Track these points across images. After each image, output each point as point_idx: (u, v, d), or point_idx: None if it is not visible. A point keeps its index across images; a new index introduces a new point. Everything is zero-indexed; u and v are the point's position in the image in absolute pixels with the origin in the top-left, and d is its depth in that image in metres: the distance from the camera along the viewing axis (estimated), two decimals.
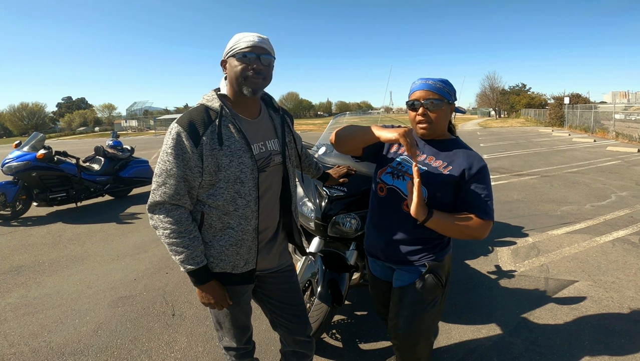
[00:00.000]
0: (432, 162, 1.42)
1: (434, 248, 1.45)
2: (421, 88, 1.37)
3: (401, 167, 1.46)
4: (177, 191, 1.18)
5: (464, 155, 1.40)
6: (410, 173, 1.40)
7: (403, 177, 1.43)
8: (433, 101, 1.35)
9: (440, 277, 1.44)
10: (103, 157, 6.24)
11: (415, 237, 1.44)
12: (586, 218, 4.59)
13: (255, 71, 1.21)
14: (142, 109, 61.05)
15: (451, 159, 1.40)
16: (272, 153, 1.34)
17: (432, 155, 1.43)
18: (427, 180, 1.38)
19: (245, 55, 1.20)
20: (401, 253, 1.46)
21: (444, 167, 1.39)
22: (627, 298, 2.67)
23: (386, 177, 1.48)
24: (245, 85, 1.23)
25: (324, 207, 2.11)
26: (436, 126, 1.39)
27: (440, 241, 1.47)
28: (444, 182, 1.37)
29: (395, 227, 1.46)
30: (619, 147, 11.50)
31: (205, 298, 1.30)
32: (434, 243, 1.46)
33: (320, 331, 2.01)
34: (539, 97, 48.67)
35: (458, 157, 1.39)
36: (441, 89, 1.36)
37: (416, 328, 1.50)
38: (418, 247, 1.44)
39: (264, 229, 1.36)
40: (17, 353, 2.24)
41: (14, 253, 3.95)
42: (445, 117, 1.40)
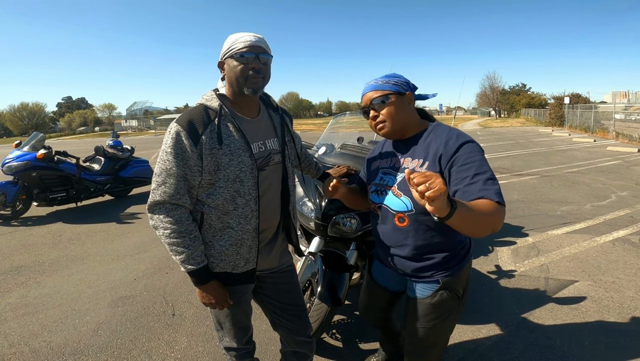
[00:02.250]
0: (409, 165, 1.29)
1: (447, 261, 1.31)
2: (365, 92, 1.33)
3: (383, 182, 1.37)
4: (177, 191, 1.18)
5: (439, 139, 1.23)
6: (390, 186, 1.32)
7: (385, 191, 1.34)
8: (378, 99, 1.29)
9: (456, 291, 1.34)
10: (103, 157, 6.25)
11: (422, 253, 1.32)
12: (586, 218, 4.59)
13: (255, 70, 1.22)
14: (142, 109, 61.01)
15: (426, 154, 1.24)
16: (271, 152, 1.34)
17: (409, 156, 1.31)
18: (405, 187, 1.25)
19: (244, 56, 1.20)
20: (410, 268, 1.37)
21: (421, 165, 1.24)
22: (627, 298, 2.67)
23: (373, 196, 1.40)
24: (245, 85, 1.23)
25: (324, 207, 2.11)
26: (393, 123, 1.29)
27: (454, 254, 1.32)
28: None
29: (397, 244, 1.36)
30: (619, 147, 11.50)
31: (206, 298, 1.29)
32: (447, 256, 1.31)
33: (320, 331, 2.01)
34: (539, 97, 48.65)
35: (434, 148, 1.22)
36: (384, 85, 1.29)
37: (432, 339, 1.45)
38: (428, 263, 1.32)
39: (265, 229, 1.35)
40: (17, 353, 2.24)
41: (14, 253, 3.95)
42: (401, 111, 1.29)
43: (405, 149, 1.33)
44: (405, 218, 1.28)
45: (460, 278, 1.35)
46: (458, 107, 6.31)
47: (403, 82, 1.33)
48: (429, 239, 1.29)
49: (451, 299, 1.34)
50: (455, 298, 1.35)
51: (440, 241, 1.30)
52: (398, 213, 1.30)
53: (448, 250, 1.31)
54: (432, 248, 1.30)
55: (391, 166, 1.36)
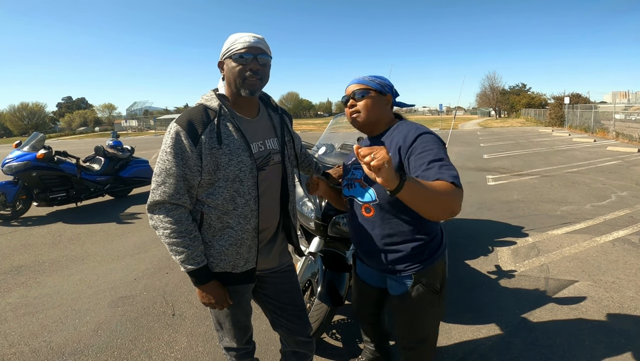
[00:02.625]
0: None
1: (418, 254, 1.34)
2: (350, 84, 1.44)
3: (353, 176, 1.44)
4: (177, 190, 1.18)
5: (400, 133, 1.30)
6: (358, 178, 1.39)
7: (354, 184, 1.41)
8: (359, 92, 1.39)
9: (431, 285, 1.37)
10: (103, 157, 6.25)
11: (390, 243, 1.35)
12: (586, 218, 4.59)
13: (252, 71, 1.22)
14: (142, 109, 61.06)
15: (390, 145, 1.31)
16: (271, 152, 1.34)
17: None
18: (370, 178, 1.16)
19: (242, 57, 1.20)
20: (382, 262, 1.40)
21: None
22: (627, 298, 2.67)
23: (345, 190, 1.48)
24: (243, 86, 1.23)
25: (324, 207, 2.11)
26: (367, 115, 1.37)
27: (424, 246, 1.34)
28: None
29: (367, 237, 1.40)
30: (619, 147, 11.50)
31: (206, 298, 1.29)
32: (416, 249, 1.33)
33: (320, 331, 2.01)
34: (539, 97, 48.66)
35: (395, 139, 1.31)
36: (369, 82, 1.40)
37: (419, 334, 1.49)
38: (398, 255, 1.35)
39: (264, 229, 1.35)
40: (17, 353, 2.24)
41: (14, 253, 3.95)
42: (376, 107, 1.38)
43: (374, 144, 1.42)
44: (371, 208, 1.35)
45: (434, 271, 1.38)
46: (458, 107, 6.33)
47: (386, 85, 1.42)
48: (395, 227, 1.33)
49: (428, 293, 1.37)
50: (433, 293, 1.38)
51: (407, 230, 1.32)
52: (364, 203, 1.37)
53: (417, 240, 1.34)
54: (399, 238, 1.34)
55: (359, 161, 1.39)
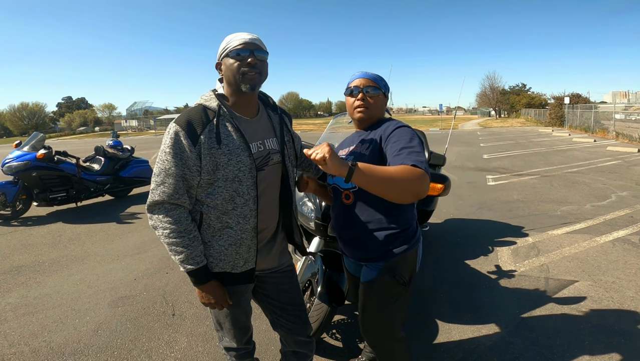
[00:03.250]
0: (358, 149, 1.45)
1: (391, 242, 1.39)
2: (361, 77, 1.48)
3: None
4: (176, 190, 1.18)
5: (384, 127, 1.41)
6: None
7: None
8: (372, 88, 1.46)
9: (400, 275, 1.40)
10: (103, 157, 6.25)
11: (367, 230, 1.40)
12: (586, 218, 4.59)
13: (251, 65, 1.22)
14: (142, 109, 61.06)
15: (373, 137, 1.42)
16: (270, 152, 1.34)
17: (361, 142, 1.46)
18: None
19: (239, 53, 1.22)
20: (358, 250, 1.47)
21: (367, 148, 1.41)
22: (627, 298, 2.67)
23: (329, 178, 1.53)
24: (243, 81, 1.24)
25: (324, 207, 2.11)
26: (373, 112, 1.47)
27: (397, 234, 1.39)
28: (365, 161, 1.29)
29: (346, 224, 1.46)
30: (619, 147, 11.50)
31: (205, 298, 1.30)
32: (390, 236, 1.38)
33: (320, 331, 2.01)
34: (539, 97, 48.65)
35: (378, 131, 1.41)
36: (378, 80, 1.48)
37: (379, 322, 1.50)
38: (373, 242, 1.41)
39: (263, 229, 1.36)
40: (17, 353, 2.24)
41: (14, 253, 3.95)
42: (381, 106, 1.49)
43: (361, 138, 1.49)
44: (350, 194, 1.42)
45: (405, 262, 1.41)
46: (458, 107, 6.33)
47: (388, 90, 1.54)
48: (371, 215, 1.39)
49: (395, 283, 1.40)
50: (400, 283, 1.41)
51: (382, 218, 1.39)
52: (345, 190, 1.43)
53: (390, 229, 1.39)
54: (374, 225, 1.40)
55: (346, 153, 1.52)
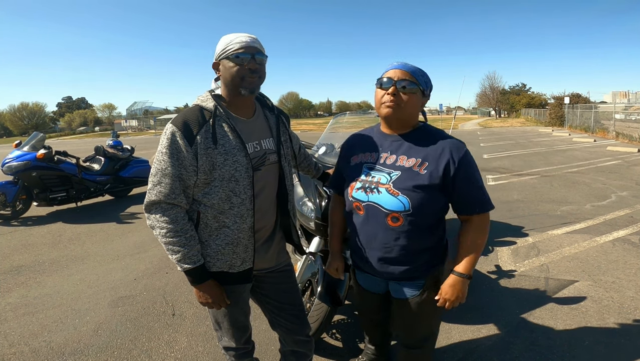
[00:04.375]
0: (404, 163, 1.26)
1: (432, 258, 1.35)
2: (397, 68, 1.25)
3: (372, 178, 1.30)
4: (173, 190, 1.19)
5: (441, 144, 1.25)
6: (384, 183, 1.26)
7: (377, 189, 1.27)
8: (409, 83, 1.23)
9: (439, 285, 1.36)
10: (103, 157, 6.25)
11: (410, 252, 1.30)
12: (586, 217, 4.59)
13: (251, 70, 1.23)
14: (142, 109, 61.08)
15: (426, 153, 1.24)
16: (267, 152, 1.34)
17: (403, 154, 1.27)
18: (405, 185, 1.22)
19: (239, 56, 1.21)
20: (398, 271, 1.34)
21: (419, 165, 1.24)
22: (627, 298, 2.66)
23: (359, 194, 1.32)
24: (242, 86, 1.24)
25: (324, 207, 2.11)
26: (404, 112, 1.25)
27: (437, 251, 1.36)
28: (424, 185, 1.21)
29: (385, 246, 1.31)
30: (619, 147, 11.50)
31: (203, 297, 1.30)
32: (431, 254, 1.34)
33: (320, 331, 2.01)
34: (539, 97, 48.64)
35: (433, 150, 1.24)
36: (418, 74, 1.25)
37: (425, 332, 1.49)
38: (415, 264, 1.33)
39: (260, 228, 1.36)
40: (17, 353, 2.24)
41: (14, 253, 3.95)
42: (416, 106, 1.27)
43: (397, 146, 1.30)
44: (399, 217, 1.24)
45: (443, 273, 1.39)
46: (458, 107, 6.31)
47: (430, 86, 1.31)
48: (420, 239, 1.29)
49: (436, 293, 1.37)
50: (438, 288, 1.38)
51: (430, 239, 1.33)
52: (392, 212, 1.24)
53: (433, 248, 1.35)
54: (421, 248, 1.31)
55: (380, 163, 1.31)
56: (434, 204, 1.25)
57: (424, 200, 1.22)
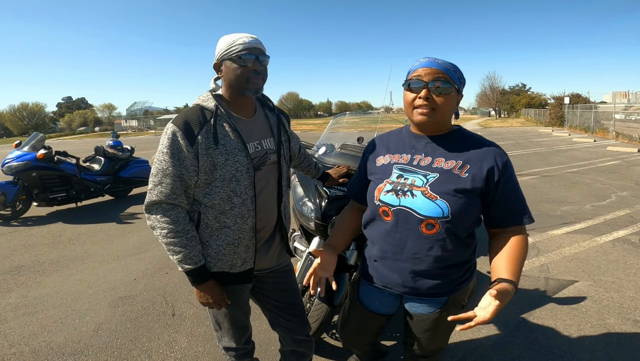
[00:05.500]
0: (442, 165, 1.13)
1: (465, 273, 1.23)
2: (427, 65, 1.10)
3: (405, 180, 1.16)
4: (174, 190, 1.19)
5: (482, 149, 1.14)
6: (419, 186, 1.13)
7: (411, 192, 1.13)
8: (441, 82, 1.08)
9: (461, 301, 1.26)
10: (103, 157, 6.25)
11: (442, 265, 1.17)
12: (586, 218, 4.59)
13: (256, 72, 1.23)
14: (142, 109, 61.09)
15: (466, 157, 1.13)
16: (267, 152, 1.34)
17: (441, 156, 1.15)
18: (444, 188, 1.10)
19: (243, 58, 1.21)
20: (424, 286, 1.20)
21: (460, 167, 1.11)
22: (627, 298, 2.66)
23: (388, 197, 1.17)
24: (247, 88, 1.24)
25: (324, 207, 2.11)
26: (440, 116, 1.12)
27: (468, 267, 1.24)
28: (466, 189, 1.10)
29: (414, 257, 1.16)
30: (619, 147, 11.50)
31: (204, 297, 1.30)
32: (465, 268, 1.22)
33: (320, 331, 2.01)
34: (539, 97, 48.62)
35: (474, 153, 1.13)
36: (451, 71, 1.10)
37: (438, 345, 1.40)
38: (445, 279, 1.19)
39: (261, 228, 1.36)
40: (17, 353, 2.24)
41: (14, 253, 3.95)
42: (453, 108, 1.14)
43: (432, 148, 1.18)
44: (436, 224, 1.11)
45: (467, 289, 1.27)
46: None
47: (464, 83, 1.17)
48: (455, 251, 1.16)
49: (456, 309, 1.24)
50: (460, 308, 1.25)
51: (463, 253, 1.19)
52: (428, 218, 1.11)
53: (464, 263, 1.22)
54: (453, 261, 1.17)
55: (414, 165, 1.18)
56: (473, 212, 1.13)
57: (465, 206, 1.10)
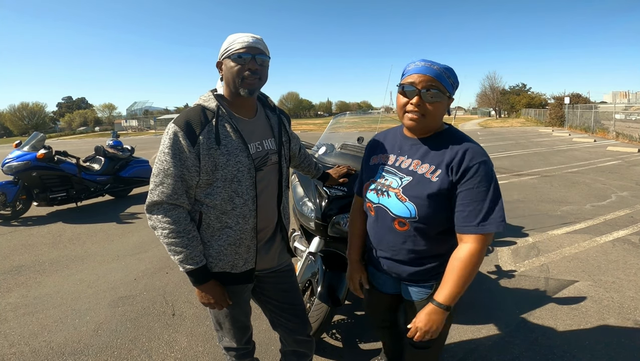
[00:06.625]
0: (417, 169, 1.22)
1: (441, 265, 1.27)
2: (422, 72, 1.14)
3: (385, 181, 1.28)
4: (175, 191, 1.18)
5: (455, 147, 1.17)
6: (394, 188, 1.24)
7: (387, 193, 1.26)
8: (433, 90, 1.13)
9: None
10: (103, 157, 6.24)
11: (419, 257, 1.28)
12: (586, 218, 4.59)
13: (251, 71, 1.22)
14: (142, 109, 61.02)
15: (440, 160, 1.18)
16: (269, 152, 1.34)
17: (418, 158, 1.23)
18: (414, 192, 1.19)
19: (241, 56, 1.21)
20: (406, 273, 1.33)
21: (432, 172, 1.18)
22: (627, 298, 2.66)
23: (371, 195, 1.32)
24: (242, 86, 1.24)
25: (324, 207, 2.11)
26: (429, 122, 1.18)
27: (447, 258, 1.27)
28: (433, 193, 1.15)
29: (392, 248, 1.31)
30: (619, 147, 11.50)
31: (205, 298, 1.30)
32: (442, 260, 1.27)
33: (320, 331, 2.01)
34: (539, 97, 48.64)
35: (450, 155, 1.16)
36: (445, 79, 1.15)
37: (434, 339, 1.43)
38: (423, 267, 1.29)
39: (263, 229, 1.36)
40: (17, 353, 2.24)
41: (14, 253, 3.95)
42: (441, 113, 1.20)
43: (415, 150, 1.25)
44: (406, 223, 1.23)
45: None
46: (458, 107, 6.32)
47: (456, 85, 1.21)
48: (428, 245, 1.26)
49: None
50: None
51: (438, 247, 1.28)
52: (399, 217, 1.23)
53: (442, 255, 1.28)
54: (428, 254, 1.28)
55: (396, 166, 1.28)
56: (442, 213, 1.19)
57: (431, 209, 1.17)
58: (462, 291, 1.14)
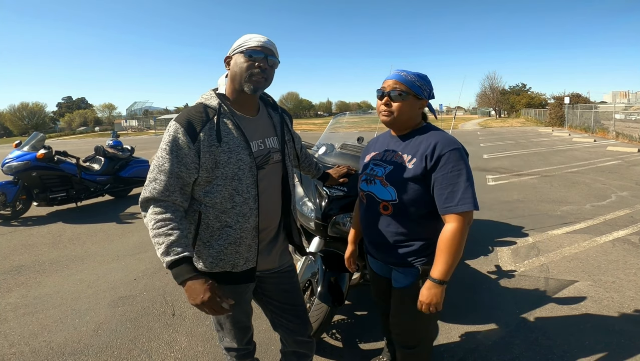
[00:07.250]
0: (397, 159, 1.41)
1: (427, 248, 1.39)
2: (391, 78, 1.39)
3: (373, 172, 1.46)
4: (167, 187, 1.17)
5: (429, 139, 1.35)
6: (379, 176, 1.42)
7: (374, 181, 1.44)
8: (398, 92, 1.35)
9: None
10: (103, 157, 6.25)
11: (402, 240, 1.41)
12: (586, 218, 4.59)
13: (260, 69, 1.23)
14: (142, 109, 61.03)
15: (416, 150, 1.36)
16: (271, 151, 1.34)
17: (400, 150, 1.42)
18: (394, 178, 1.37)
19: (253, 54, 1.23)
20: (392, 256, 1.45)
21: (409, 160, 1.36)
22: (627, 298, 2.67)
23: (362, 184, 1.51)
24: (247, 82, 1.24)
25: (324, 207, 2.11)
26: (398, 118, 1.38)
27: (432, 241, 1.38)
28: (409, 178, 1.34)
29: (380, 232, 1.44)
30: (619, 147, 11.50)
31: (191, 298, 1.15)
32: (425, 244, 1.39)
33: (321, 331, 2.01)
34: (539, 97, 48.66)
35: (425, 146, 1.34)
36: (410, 82, 1.35)
37: (416, 328, 1.52)
38: (407, 249, 1.41)
39: (265, 228, 1.35)
40: (17, 353, 2.24)
41: (14, 253, 3.95)
42: (410, 111, 1.38)
43: (398, 145, 1.45)
44: (389, 206, 1.39)
45: None
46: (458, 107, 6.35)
47: (427, 89, 1.40)
48: (409, 226, 1.39)
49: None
50: None
51: (420, 230, 1.40)
52: (383, 201, 1.40)
53: (426, 238, 1.40)
54: (412, 236, 1.40)
55: (383, 159, 1.47)
56: (420, 196, 1.35)
57: (409, 191, 1.35)
58: (452, 267, 1.27)
